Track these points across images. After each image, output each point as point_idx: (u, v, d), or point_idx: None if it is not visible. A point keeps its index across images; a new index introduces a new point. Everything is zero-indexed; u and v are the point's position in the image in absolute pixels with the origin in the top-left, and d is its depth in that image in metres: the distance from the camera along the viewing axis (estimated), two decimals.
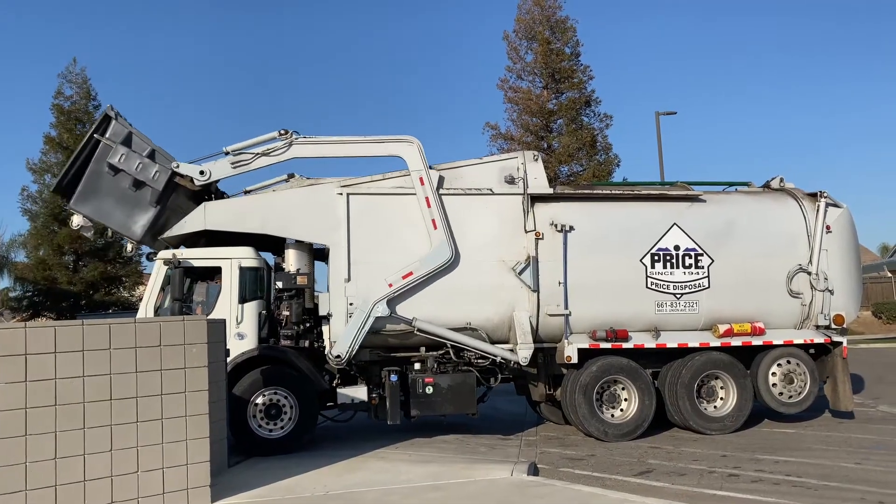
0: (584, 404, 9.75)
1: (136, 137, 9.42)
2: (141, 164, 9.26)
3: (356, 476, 7.67)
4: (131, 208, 9.39)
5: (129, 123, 9.50)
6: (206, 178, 9.59)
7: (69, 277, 26.47)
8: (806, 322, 10.57)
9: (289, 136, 9.70)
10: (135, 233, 9.44)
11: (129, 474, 6.36)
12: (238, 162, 9.68)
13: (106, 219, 9.42)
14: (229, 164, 9.70)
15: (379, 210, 9.80)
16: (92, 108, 28.13)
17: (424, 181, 9.72)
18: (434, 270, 9.58)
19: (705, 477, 7.66)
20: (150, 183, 9.31)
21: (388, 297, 9.43)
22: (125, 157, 9.21)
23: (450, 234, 9.68)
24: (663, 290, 10.16)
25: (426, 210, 9.68)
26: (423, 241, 9.71)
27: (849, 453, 8.60)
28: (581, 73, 27.92)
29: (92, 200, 9.34)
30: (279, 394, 9.37)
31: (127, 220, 9.41)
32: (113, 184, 9.33)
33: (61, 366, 6.16)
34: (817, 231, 10.59)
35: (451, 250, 9.61)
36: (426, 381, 9.57)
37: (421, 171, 9.75)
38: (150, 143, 9.50)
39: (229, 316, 9.26)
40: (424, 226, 9.68)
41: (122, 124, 9.40)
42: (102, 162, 9.27)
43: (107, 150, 9.27)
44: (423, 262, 9.57)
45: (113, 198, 9.35)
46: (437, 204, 9.68)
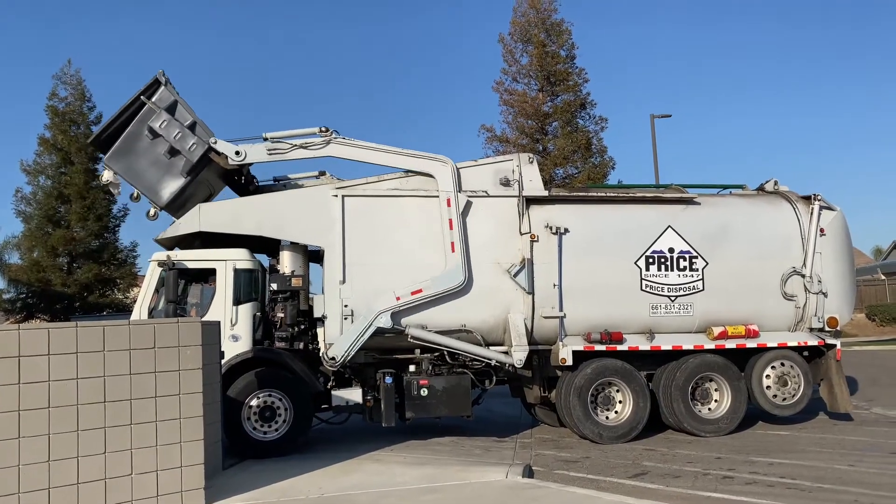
0: (579, 406, 9.76)
1: (180, 107, 9.52)
2: (180, 134, 9.35)
3: (351, 478, 7.66)
4: (163, 174, 9.45)
5: (177, 92, 9.57)
6: (241, 159, 9.61)
7: (63, 279, 26.39)
8: (800, 324, 10.61)
9: (328, 135, 9.76)
10: (161, 198, 9.45)
11: (123, 477, 6.34)
12: (274, 150, 9.73)
13: (136, 179, 9.43)
14: (265, 150, 9.74)
15: (374, 212, 9.79)
16: (87, 109, 28.08)
17: (451, 203, 9.72)
18: (444, 292, 9.56)
19: (700, 479, 7.68)
20: (186, 153, 9.38)
21: (393, 310, 9.41)
22: (166, 123, 9.32)
23: (467, 259, 9.65)
24: (658, 293, 10.18)
25: (447, 231, 9.66)
26: (423, 244, 9.72)
27: (843, 455, 8.63)
28: (576, 76, 28.00)
29: (126, 159, 9.40)
30: (273, 396, 9.35)
31: (156, 185, 9.45)
32: (149, 147, 9.40)
33: (55, 368, 6.14)
34: (811, 234, 10.63)
35: (464, 276, 9.58)
36: (421, 384, 9.57)
37: (450, 193, 9.75)
38: (193, 115, 9.56)
39: (224, 318, 9.24)
40: (441, 242, 9.65)
41: (169, 91, 9.49)
42: (143, 124, 9.35)
43: (150, 114, 9.35)
44: (434, 281, 9.55)
45: (147, 160, 9.42)
46: (460, 228, 9.67)
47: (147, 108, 9.36)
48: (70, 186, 26.81)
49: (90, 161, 27.53)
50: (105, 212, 27.64)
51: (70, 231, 26.79)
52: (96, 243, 27.53)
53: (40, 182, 27.39)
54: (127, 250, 28.83)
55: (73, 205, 26.94)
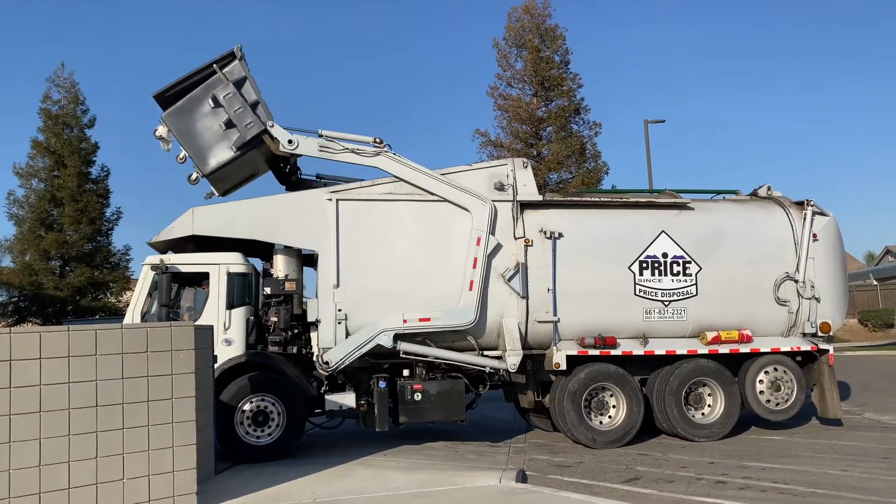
0: (573, 411, 9.76)
1: (248, 84, 9.58)
2: (241, 109, 9.42)
3: (344, 483, 7.64)
4: (214, 143, 9.50)
5: (249, 70, 9.67)
6: (293, 148, 9.63)
7: (55, 283, 26.28)
8: (793, 330, 10.63)
9: (381, 147, 9.81)
10: (207, 165, 9.48)
11: (115, 481, 6.31)
12: (325, 147, 9.77)
13: (187, 142, 9.46)
14: (317, 146, 9.76)
15: (368, 216, 9.78)
16: (80, 112, 28.00)
17: (481, 243, 9.69)
18: (451, 328, 9.55)
19: (693, 484, 7.68)
20: (241, 129, 9.43)
21: (397, 332, 9.38)
22: (231, 96, 9.40)
23: (482, 300, 9.61)
24: (651, 298, 10.19)
25: (470, 270, 9.63)
26: (417, 247, 9.70)
27: (835, 460, 8.64)
28: (570, 81, 28.10)
29: (183, 120, 9.46)
30: (267, 400, 9.32)
31: (205, 152, 9.48)
32: (208, 115, 9.47)
33: (46, 372, 6.11)
34: (804, 239, 10.66)
35: (475, 316, 9.53)
36: (415, 388, 9.55)
37: (482, 233, 9.72)
38: (258, 96, 9.63)
39: (217, 322, 9.21)
40: (461, 280, 9.60)
41: (241, 67, 9.56)
42: (209, 92, 9.44)
43: (217, 83, 9.44)
44: (444, 314, 9.51)
45: (202, 126, 9.48)
46: (483, 269, 9.64)
47: (216, 77, 9.46)
48: (63, 189, 26.72)
49: (83, 164, 27.50)
50: (98, 215, 27.57)
51: (63, 234, 26.70)
52: (89, 247, 27.44)
53: (33, 185, 27.31)
54: (120, 254, 28.79)
55: (65, 208, 26.85)
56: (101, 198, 27.96)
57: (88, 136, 28.11)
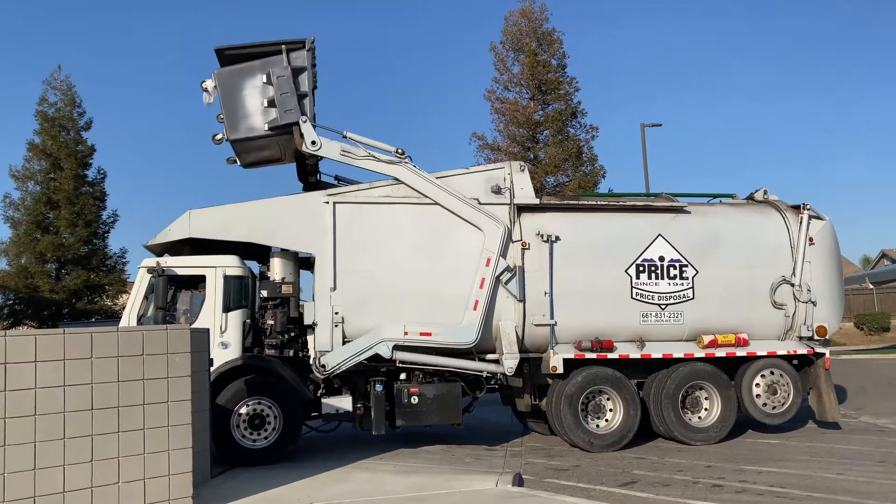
0: (570, 415, 9.75)
1: (304, 76, 9.76)
2: (287, 94, 9.57)
3: (340, 487, 7.62)
4: (251, 115, 9.64)
5: (314, 65, 9.92)
6: (315, 149, 9.70)
7: (51, 286, 26.18)
8: (789, 333, 10.64)
9: (402, 157, 9.87)
10: (236, 131, 9.60)
11: (110, 485, 6.28)
12: (347, 153, 9.85)
13: (228, 103, 9.62)
14: (339, 150, 9.84)
15: (365, 219, 9.78)
16: (76, 114, 27.93)
17: (491, 264, 9.67)
18: (451, 345, 9.54)
19: (689, 488, 7.68)
20: (280, 112, 9.57)
21: (397, 343, 9.37)
22: (284, 79, 9.58)
23: (485, 320, 9.59)
24: (648, 301, 10.20)
25: (476, 290, 9.61)
26: (415, 251, 9.70)
27: (831, 464, 8.65)
28: (567, 85, 28.08)
29: (232, 81, 9.68)
30: (263, 403, 9.30)
31: (239, 119, 9.61)
32: (258, 87, 9.66)
33: (42, 375, 6.09)
34: (800, 243, 10.68)
35: (476, 337, 9.52)
36: (411, 392, 9.54)
37: (493, 254, 9.70)
38: (310, 91, 9.80)
39: (213, 325, 9.20)
40: (465, 302, 9.57)
41: (306, 58, 9.74)
42: (266, 67, 9.63)
43: (277, 63, 9.61)
44: (446, 331, 9.51)
45: (247, 95, 9.66)
46: (490, 290, 9.62)
47: (279, 56, 9.63)
48: (59, 192, 26.63)
49: (79, 167, 27.40)
50: (94, 218, 27.47)
51: (58, 237, 26.60)
52: (85, 249, 27.31)
53: (29, 188, 27.18)
54: (116, 257, 28.66)
55: (61, 211, 26.76)
56: (97, 200, 27.85)
57: (85, 139, 28.03)
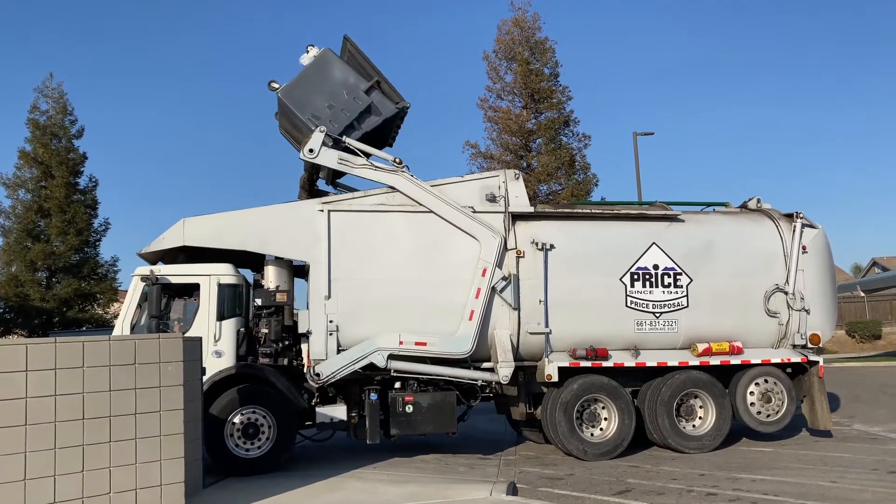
0: (565, 423, 9.73)
1: (373, 118, 10.36)
2: (344, 112, 10.15)
3: (334, 496, 7.58)
4: (311, 96, 10.21)
5: (398, 126, 10.91)
6: (312, 157, 9.78)
7: (42, 294, 26.03)
8: (783, 341, 10.67)
9: (399, 166, 9.91)
10: (290, 94, 10.16)
11: (101, 496, 6.23)
12: (344, 161, 9.90)
13: (309, 73, 10.34)
14: (336, 158, 9.89)
15: (360, 227, 9.76)
16: (68, 122, 27.86)
17: (487, 274, 9.67)
18: (447, 355, 9.52)
19: (684, 496, 7.67)
20: (325, 115, 10.08)
21: (392, 353, 9.35)
22: (356, 102, 10.25)
23: (480, 330, 9.58)
24: (643, 309, 10.21)
25: (472, 300, 9.60)
26: (409, 258, 9.68)
27: (825, 472, 8.66)
28: (560, 94, 28.24)
29: (328, 65, 10.43)
30: (257, 413, 9.24)
31: (301, 89, 10.23)
32: (339, 86, 10.34)
33: (32, 384, 6.04)
34: (794, 251, 10.73)
35: (472, 346, 9.50)
36: (406, 400, 9.49)
37: (489, 264, 9.70)
38: (364, 128, 10.23)
39: (207, 333, 9.15)
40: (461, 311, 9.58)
41: (387, 109, 10.39)
42: (359, 84, 10.36)
43: (369, 90, 10.32)
44: (441, 340, 9.49)
45: (331, 82, 10.31)
46: (486, 300, 9.63)
47: (375, 89, 10.37)
48: (50, 200, 26.54)
49: (71, 175, 27.32)
50: (85, 226, 27.37)
51: (49, 245, 26.47)
52: (76, 258, 27.22)
53: (20, 196, 27.10)
54: (107, 265, 28.56)
55: (52, 219, 26.65)
56: (88, 208, 27.77)
57: (76, 147, 27.99)
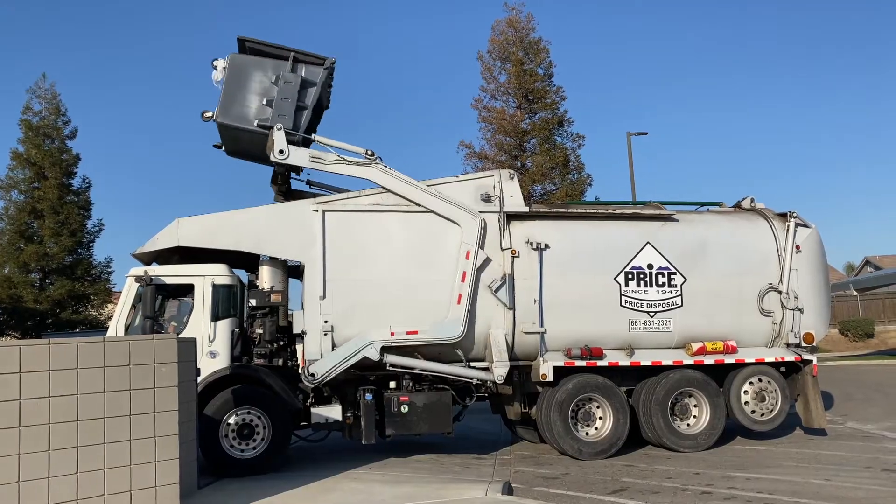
0: (560, 422, 9.75)
1: (311, 91, 9.87)
2: (287, 101, 9.64)
3: (329, 497, 7.57)
4: (246, 105, 9.72)
5: (329, 85, 10.22)
6: (282, 158, 9.64)
7: (35, 295, 25.89)
8: (777, 340, 10.71)
9: (373, 158, 9.82)
10: (225, 115, 9.65)
11: (96, 497, 6.21)
12: (317, 158, 9.82)
13: (231, 86, 9.72)
14: (308, 157, 9.79)
15: (355, 227, 9.75)
16: (61, 123, 27.74)
17: (470, 257, 9.69)
18: (439, 341, 9.53)
19: (678, 495, 7.69)
20: (272, 114, 9.64)
21: (384, 344, 9.35)
22: (290, 85, 9.70)
23: (470, 314, 9.61)
24: (637, 309, 10.24)
25: (458, 283, 9.63)
26: (404, 259, 9.68)
27: (818, 470, 8.70)
28: (554, 94, 28.23)
29: (243, 69, 9.80)
30: (252, 413, 9.23)
31: (233, 104, 9.69)
32: (265, 85, 9.78)
33: (26, 386, 6.02)
34: (787, 250, 10.77)
35: (462, 330, 9.54)
36: (401, 400, 9.49)
37: (471, 247, 9.73)
38: (308, 107, 9.84)
39: (201, 334, 9.13)
40: (449, 294, 9.59)
41: (320, 75, 9.88)
42: (279, 69, 9.78)
43: (290, 67, 9.75)
44: (432, 327, 9.50)
45: (252, 87, 9.77)
46: (472, 283, 9.64)
47: (294, 63, 9.76)
48: (43, 201, 26.40)
49: (64, 175, 27.18)
50: (79, 227, 27.23)
51: (43, 246, 26.32)
52: (69, 259, 27.06)
53: (13, 197, 26.96)
54: (101, 266, 28.41)
55: (46, 220, 26.51)
56: (82, 209, 27.62)
57: (70, 148, 27.84)
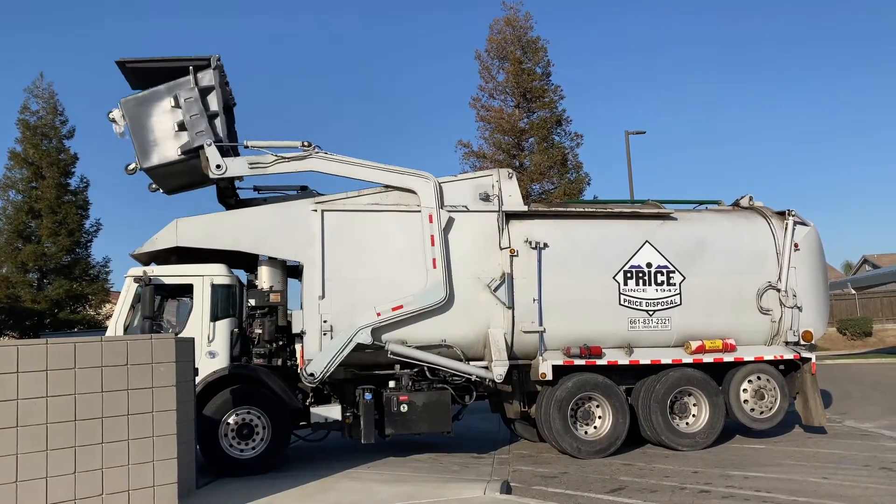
0: (559, 421, 9.75)
1: (213, 95, 9.46)
2: (197, 116, 9.29)
3: (328, 496, 7.56)
4: (162, 140, 9.39)
5: (225, 83, 9.68)
6: (221, 173, 9.47)
7: (33, 295, 25.86)
8: (776, 338, 10.72)
9: (310, 149, 9.68)
10: (148, 160, 9.37)
11: (94, 497, 6.21)
12: (256, 164, 9.64)
13: (137, 131, 9.30)
14: (247, 164, 9.62)
15: (354, 226, 9.74)
16: (59, 122, 27.70)
17: (434, 219, 9.70)
18: (425, 309, 9.52)
19: (677, 493, 7.69)
20: (191, 135, 9.30)
21: (374, 326, 9.35)
22: (192, 101, 9.29)
23: (448, 275, 9.63)
24: (636, 307, 10.24)
25: (429, 248, 9.63)
26: (402, 259, 9.67)
27: (817, 468, 8.70)
28: (552, 93, 28.24)
29: (140, 109, 9.33)
30: (252, 413, 9.22)
31: (150, 146, 9.33)
32: (166, 112, 9.35)
33: (24, 386, 6.01)
34: (786, 249, 10.77)
35: (445, 292, 9.55)
36: (401, 400, 9.49)
37: (432, 209, 9.73)
38: (220, 109, 9.50)
39: (200, 334, 9.12)
40: (424, 259, 9.60)
41: (213, 76, 9.43)
42: (173, 91, 9.32)
43: (183, 84, 9.33)
44: (416, 297, 9.50)
45: (156, 121, 9.34)
46: (441, 244, 9.65)
47: (185, 78, 9.35)
48: (41, 201, 26.37)
49: (62, 175, 27.14)
50: (77, 227, 27.19)
51: (41, 246, 26.29)
52: (67, 259, 27.03)
53: (10, 197, 26.93)
54: (99, 266, 28.39)
55: (44, 220, 26.47)
56: (80, 209, 27.58)
57: (67, 147, 27.79)
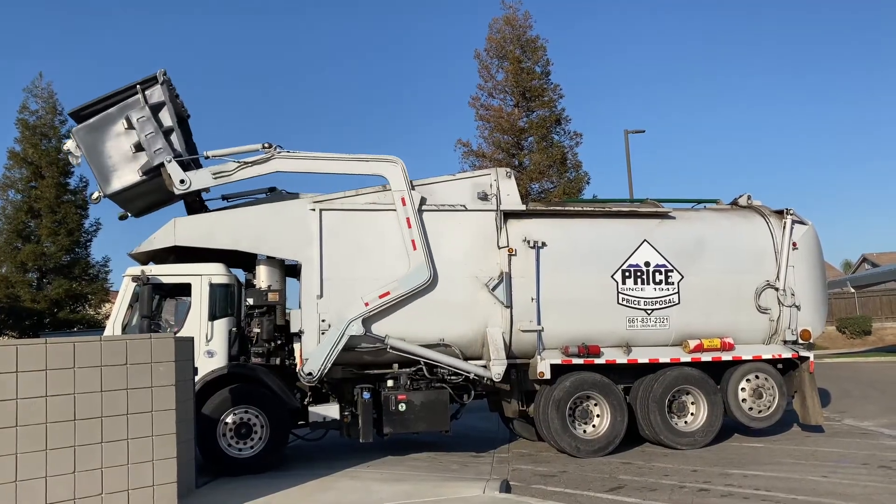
0: (557, 420, 9.76)
1: (166, 110, 9.43)
2: (153, 134, 9.23)
3: (327, 496, 7.57)
4: (122, 164, 9.31)
5: (176, 96, 9.56)
6: (185, 188, 9.39)
7: (32, 295, 25.86)
8: (774, 337, 10.73)
9: (271, 150, 9.60)
10: (110, 186, 9.30)
11: (93, 496, 6.21)
12: (219, 173, 9.55)
13: (95, 159, 9.22)
14: (210, 175, 9.53)
15: (352, 226, 9.75)
16: (58, 122, 27.69)
17: (406, 202, 9.71)
18: (411, 291, 9.54)
19: (676, 492, 7.70)
20: (150, 154, 9.22)
21: (363, 316, 9.36)
22: (144, 119, 9.22)
23: (429, 255, 9.66)
24: (634, 306, 10.25)
25: (406, 230, 9.66)
26: (399, 258, 9.67)
27: (816, 467, 8.72)
28: (551, 92, 28.22)
29: (93, 136, 9.23)
30: (250, 412, 9.23)
31: (110, 172, 9.28)
32: (120, 135, 9.29)
33: (23, 385, 6.01)
34: (784, 248, 10.78)
35: (429, 272, 9.59)
36: (399, 399, 9.50)
37: (403, 192, 9.74)
38: (174, 123, 9.43)
39: (199, 333, 9.12)
40: (403, 245, 9.64)
41: (162, 91, 9.40)
42: (124, 112, 9.24)
43: (134, 105, 9.27)
44: (401, 282, 9.53)
45: (112, 146, 9.27)
46: (418, 225, 9.67)
47: (135, 98, 9.30)
48: (41, 201, 26.38)
49: (61, 175, 27.13)
50: (76, 226, 27.20)
51: (40, 246, 26.31)
52: (67, 258, 27.04)
53: (10, 196, 26.94)
54: (99, 265, 28.40)
55: (43, 219, 26.48)
56: (79, 209, 27.58)
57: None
